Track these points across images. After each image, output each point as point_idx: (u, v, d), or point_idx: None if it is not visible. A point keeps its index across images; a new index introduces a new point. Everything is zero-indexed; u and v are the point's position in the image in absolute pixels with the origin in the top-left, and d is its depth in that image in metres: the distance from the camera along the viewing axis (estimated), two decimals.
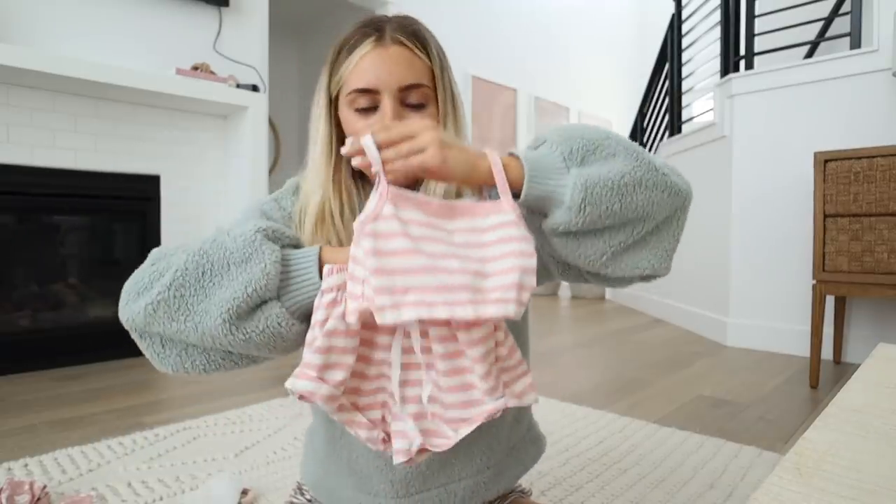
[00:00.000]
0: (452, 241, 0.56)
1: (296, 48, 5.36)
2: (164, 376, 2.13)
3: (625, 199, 0.57)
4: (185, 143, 2.60)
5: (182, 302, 0.59)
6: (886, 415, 0.54)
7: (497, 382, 0.58)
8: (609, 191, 0.56)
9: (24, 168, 2.15)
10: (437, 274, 0.53)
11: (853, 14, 2.33)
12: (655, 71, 4.04)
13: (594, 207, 0.56)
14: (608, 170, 0.57)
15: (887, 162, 1.86)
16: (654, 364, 2.32)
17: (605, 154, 0.59)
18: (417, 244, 0.54)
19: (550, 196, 0.57)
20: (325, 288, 0.58)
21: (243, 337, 0.59)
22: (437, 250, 0.54)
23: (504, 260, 0.55)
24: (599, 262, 0.60)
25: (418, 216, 0.56)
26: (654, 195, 0.59)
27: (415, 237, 0.54)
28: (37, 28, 2.15)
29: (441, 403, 0.59)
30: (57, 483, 1.17)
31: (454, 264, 0.54)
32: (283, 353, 0.64)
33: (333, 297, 0.57)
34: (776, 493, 0.37)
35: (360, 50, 0.64)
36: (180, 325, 0.59)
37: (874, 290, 1.89)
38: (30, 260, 2.25)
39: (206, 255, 0.60)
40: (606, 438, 1.45)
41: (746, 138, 2.62)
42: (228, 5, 2.63)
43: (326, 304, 0.57)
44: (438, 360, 0.57)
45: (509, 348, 0.60)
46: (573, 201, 0.56)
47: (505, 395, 0.59)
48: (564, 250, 0.61)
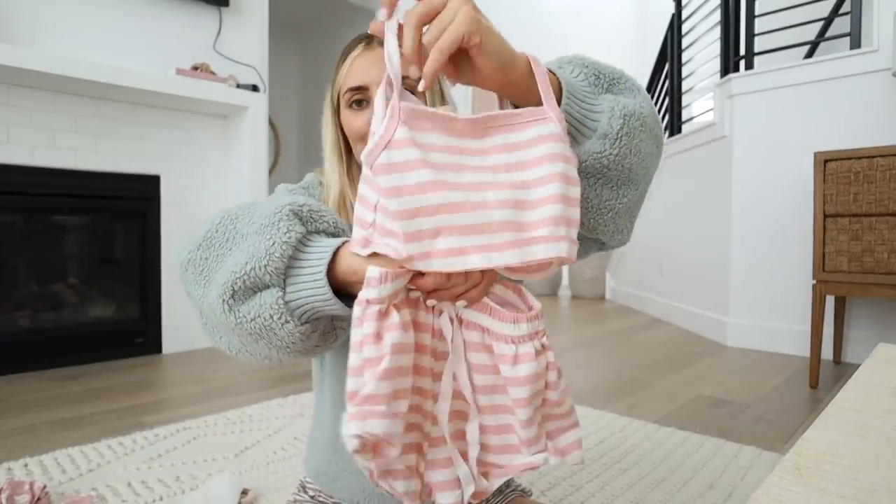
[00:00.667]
0: (486, 165, 0.47)
1: (296, 48, 5.36)
2: (164, 376, 2.13)
3: (647, 139, 0.54)
4: (185, 143, 2.60)
5: (205, 265, 0.55)
6: (886, 415, 0.54)
7: (540, 432, 0.49)
8: (641, 125, 0.53)
9: (24, 168, 2.16)
10: (470, 210, 0.44)
11: (853, 14, 2.33)
12: (655, 71, 4.04)
13: (629, 140, 0.52)
14: (635, 104, 0.54)
15: (887, 162, 1.86)
16: (654, 364, 2.32)
17: (627, 86, 0.56)
18: (443, 174, 0.44)
19: (583, 120, 0.52)
20: (374, 298, 0.46)
21: (234, 321, 0.53)
22: (467, 180, 0.45)
23: (549, 185, 0.46)
24: (604, 220, 0.56)
25: (441, 139, 0.46)
26: (657, 146, 0.58)
27: (439, 165, 0.45)
28: (37, 28, 2.15)
29: (482, 445, 0.51)
30: (57, 483, 1.17)
31: (490, 196, 0.45)
32: (280, 353, 0.58)
33: (382, 307, 0.46)
34: (776, 493, 0.37)
35: (352, 54, 0.69)
36: (200, 289, 0.56)
37: (874, 290, 1.89)
38: (30, 260, 2.25)
39: (234, 221, 0.56)
40: (606, 438, 1.45)
41: (746, 138, 2.62)
42: (228, 5, 2.63)
43: (376, 316, 0.46)
44: (477, 393, 0.49)
45: (562, 392, 0.50)
46: (610, 128, 0.52)
47: (548, 448, 0.50)
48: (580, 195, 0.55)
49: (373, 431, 0.43)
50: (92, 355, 2.31)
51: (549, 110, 0.48)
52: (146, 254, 2.49)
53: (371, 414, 0.43)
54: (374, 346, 0.45)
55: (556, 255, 0.44)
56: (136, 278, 2.47)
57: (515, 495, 0.83)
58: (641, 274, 4.08)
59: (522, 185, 0.46)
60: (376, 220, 0.46)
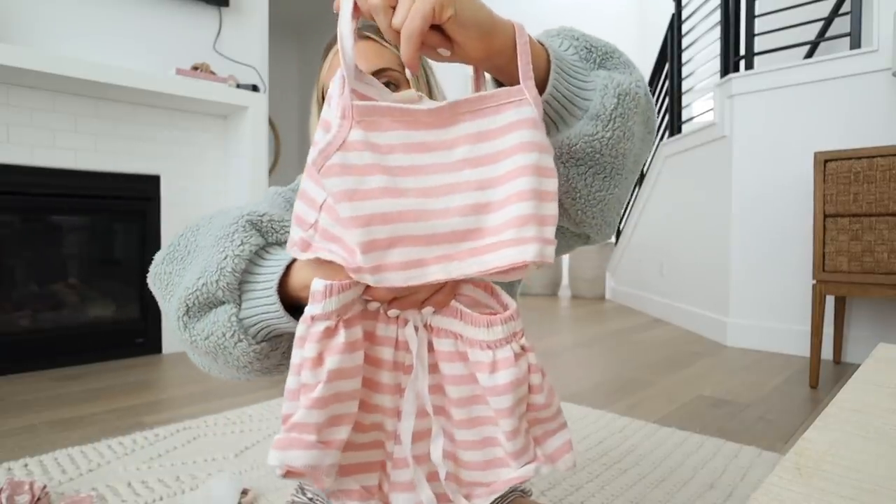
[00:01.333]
0: (451, 161, 0.42)
1: (296, 48, 5.36)
2: (164, 376, 2.13)
3: (640, 122, 0.50)
4: (185, 143, 2.60)
5: (168, 280, 0.53)
6: (886, 415, 0.54)
7: (527, 441, 0.46)
8: (635, 106, 0.49)
9: (24, 168, 2.16)
10: (429, 218, 0.41)
11: (853, 14, 2.33)
12: (655, 71, 4.04)
13: (623, 122, 0.48)
14: (630, 81, 0.49)
15: (887, 162, 1.86)
16: (654, 364, 2.32)
17: (621, 61, 0.52)
18: (401, 179, 0.41)
19: (573, 99, 0.48)
20: (319, 314, 0.42)
21: (189, 339, 0.50)
22: (427, 183, 0.41)
23: (519, 179, 0.41)
24: (592, 212, 0.52)
25: (401, 136, 0.42)
26: (649, 131, 0.55)
27: (397, 169, 0.41)
28: (37, 28, 2.15)
29: (457, 462, 0.47)
30: (57, 483, 1.17)
31: (452, 200, 0.41)
32: (241, 373, 0.55)
33: (330, 325, 0.42)
34: (776, 493, 0.37)
35: (333, 50, 0.68)
36: (165, 304, 0.53)
37: (874, 290, 1.89)
38: (30, 260, 2.25)
39: (195, 233, 0.54)
40: (606, 438, 1.45)
41: (746, 138, 2.62)
42: (228, 5, 2.63)
43: (320, 336, 0.42)
44: (453, 406, 0.46)
45: (548, 394, 0.46)
46: (603, 108, 0.48)
47: (537, 457, 0.46)
48: (568, 184, 0.51)
49: (293, 463, 0.40)
50: (92, 355, 2.31)
51: (525, 90, 0.43)
52: (146, 254, 2.49)
53: (295, 443, 0.40)
54: (312, 371, 0.41)
55: (522, 259, 0.40)
56: (136, 278, 2.47)
57: (515, 495, 0.83)
58: (641, 274, 4.08)
59: (488, 183, 0.42)
60: (319, 220, 0.42)
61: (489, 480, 0.47)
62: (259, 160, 2.63)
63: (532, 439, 0.47)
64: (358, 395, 0.44)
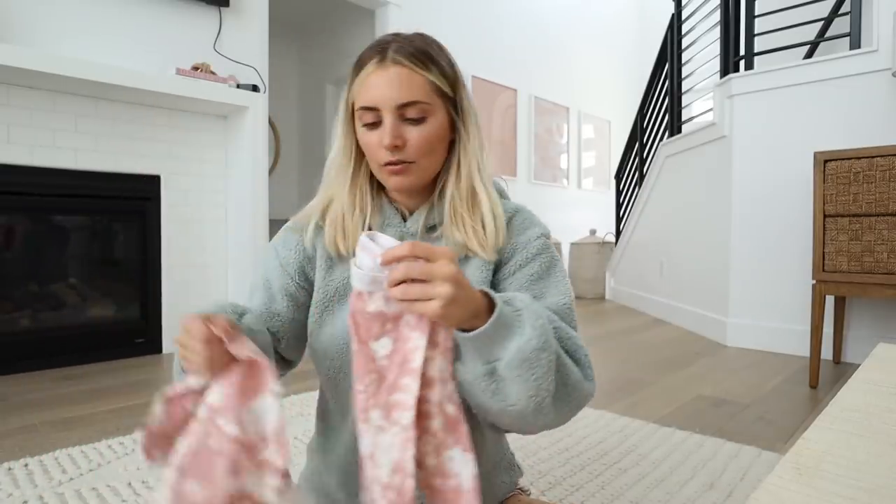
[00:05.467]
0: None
1: (296, 48, 5.36)
2: (164, 376, 2.13)
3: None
4: (185, 143, 2.60)
5: None
6: (886, 415, 0.54)
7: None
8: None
9: (24, 168, 2.15)
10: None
11: (853, 14, 2.33)
12: (655, 71, 4.04)
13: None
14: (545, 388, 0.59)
15: (887, 162, 1.86)
16: (654, 364, 2.32)
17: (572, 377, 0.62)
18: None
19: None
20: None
21: None
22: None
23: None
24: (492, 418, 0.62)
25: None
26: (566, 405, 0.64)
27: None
28: (37, 28, 2.15)
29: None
30: (57, 483, 1.17)
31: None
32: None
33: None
34: (776, 493, 0.37)
35: (365, 70, 0.69)
36: None
37: (874, 290, 1.89)
38: (30, 260, 2.25)
39: None
40: (606, 438, 1.45)
41: (746, 138, 2.62)
42: (228, 5, 2.63)
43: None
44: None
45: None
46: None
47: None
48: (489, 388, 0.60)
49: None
50: (92, 355, 2.31)
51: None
52: (146, 254, 2.49)
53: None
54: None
55: None
56: (136, 278, 2.47)
57: (515, 493, 0.83)
58: (641, 274, 4.08)
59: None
60: None
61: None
62: (259, 160, 2.63)
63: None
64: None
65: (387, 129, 0.67)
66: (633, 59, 6.57)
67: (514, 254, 0.73)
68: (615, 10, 6.39)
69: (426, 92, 0.69)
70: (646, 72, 4.72)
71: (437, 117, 0.70)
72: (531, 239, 0.73)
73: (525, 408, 0.57)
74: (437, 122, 0.70)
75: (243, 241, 2.64)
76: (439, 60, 0.71)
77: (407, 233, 0.74)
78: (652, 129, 4.13)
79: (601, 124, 6.17)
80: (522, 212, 0.77)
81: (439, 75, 0.70)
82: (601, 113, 6.16)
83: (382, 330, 0.56)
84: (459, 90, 0.73)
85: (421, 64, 0.68)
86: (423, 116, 0.69)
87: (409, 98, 0.67)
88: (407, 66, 0.67)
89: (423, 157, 0.69)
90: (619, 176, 4.96)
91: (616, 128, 6.37)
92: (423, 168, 0.70)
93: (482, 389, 0.58)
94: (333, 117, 0.79)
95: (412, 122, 0.68)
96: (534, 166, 5.19)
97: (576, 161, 5.79)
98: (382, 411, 0.54)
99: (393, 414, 0.54)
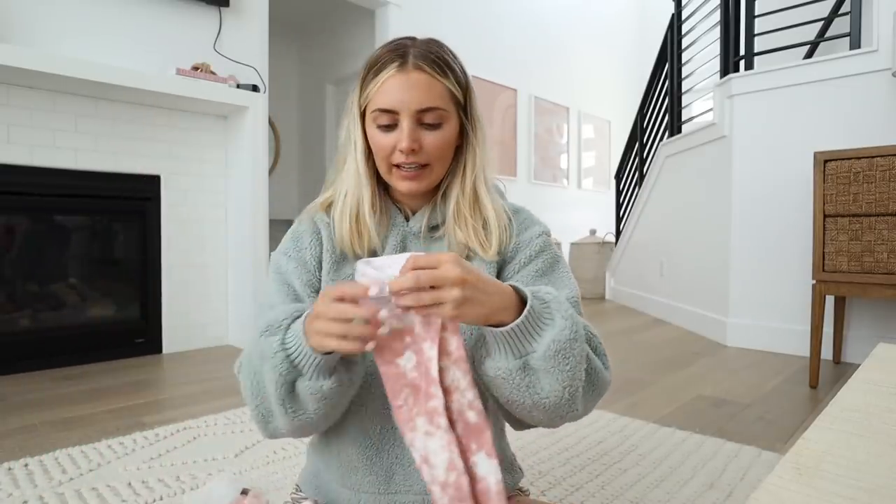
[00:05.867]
0: None
1: (296, 48, 5.35)
2: (164, 376, 2.13)
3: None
4: (185, 143, 2.60)
5: (265, 413, 0.67)
6: (886, 415, 0.54)
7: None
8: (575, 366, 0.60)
9: (24, 168, 2.16)
10: None
11: (853, 14, 2.33)
12: (655, 71, 4.04)
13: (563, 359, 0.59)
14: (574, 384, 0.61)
15: (887, 162, 1.86)
16: (654, 364, 2.32)
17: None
18: None
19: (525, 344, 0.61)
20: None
21: (302, 411, 0.64)
22: None
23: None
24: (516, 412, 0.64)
25: None
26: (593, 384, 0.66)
27: None
28: (37, 28, 2.15)
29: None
30: (57, 483, 1.17)
31: None
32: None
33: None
34: (776, 493, 0.37)
35: (385, 73, 0.69)
36: (276, 422, 0.67)
37: (874, 290, 1.89)
38: (30, 260, 2.25)
39: (253, 366, 0.66)
40: (606, 438, 1.45)
41: (746, 138, 2.62)
42: (228, 5, 2.63)
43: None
44: None
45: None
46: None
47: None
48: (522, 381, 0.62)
49: None
50: (92, 355, 2.31)
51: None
52: (146, 254, 2.49)
53: None
54: None
55: None
56: (136, 278, 2.47)
57: (514, 493, 0.83)
58: (641, 274, 4.08)
59: None
60: None
61: None
62: (259, 160, 2.63)
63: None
64: None
65: (405, 133, 0.69)
66: (633, 59, 6.57)
67: (517, 252, 0.74)
68: (615, 10, 6.39)
69: (444, 99, 0.70)
70: (646, 72, 4.72)
71: (451, 123, 0.72)
72: (533, 237, 0.75)
73: (559, 399, 0.59)
74: (450, 128, 0.72)
75: (243, 241, 2.64)
76: (455, 67, 0.73)
77: (410, 232, 0.75)
78: (652, 129, 4.13)
79: (601, 124, 6.17)
80: (522, 212, 0.79)
81: (454, 83, 0.72)
82: (601, 113, 6.16)
83: (403, 345, 0.58)
84: (470, 97, 0.75)
85: (441, 71, 0.70)
86: (440, 122, 0.70)
87: (428, 104, 0.69)
88: (428, 72, 0.69)
89: (437, 162, 0.71)
90: (619, 176, 4.96)
91: (616, 128, 6.37)
92: (435, 172, 0.72)
93: (516, 385, 0.59)
94: (333, 117, 0.80)
95: (428, 127, 0.70)
96: (534, 166, 5.19)
97: (576, 161, 5.79)
98: (426, 417, 0.57)
99: (435, 419, 0.57)
